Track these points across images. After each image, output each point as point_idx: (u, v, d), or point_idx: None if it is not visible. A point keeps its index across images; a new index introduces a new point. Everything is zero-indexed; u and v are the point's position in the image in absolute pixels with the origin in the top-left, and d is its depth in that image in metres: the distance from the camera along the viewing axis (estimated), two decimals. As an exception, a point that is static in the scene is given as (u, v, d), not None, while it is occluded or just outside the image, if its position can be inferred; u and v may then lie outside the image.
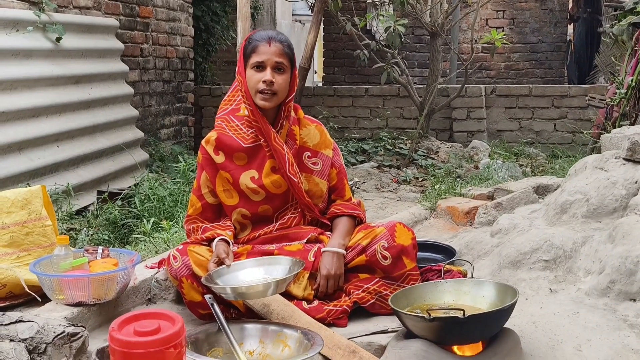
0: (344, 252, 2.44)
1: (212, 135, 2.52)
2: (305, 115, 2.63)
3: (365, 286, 2.41)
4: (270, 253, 2.44)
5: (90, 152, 4.93)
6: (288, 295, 2.39)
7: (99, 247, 2.50)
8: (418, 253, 2.51)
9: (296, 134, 2.54)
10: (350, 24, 6.21)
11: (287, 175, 2.46)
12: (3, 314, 2.09)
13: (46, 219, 2.48)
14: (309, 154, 2.56)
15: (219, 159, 2.49)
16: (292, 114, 2.54)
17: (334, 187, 2.61)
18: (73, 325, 2.06)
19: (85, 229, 3.98)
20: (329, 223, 2.59)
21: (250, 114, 2.45)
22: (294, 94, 2.50)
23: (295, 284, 2.40)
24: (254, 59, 2.40)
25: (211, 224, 2.52)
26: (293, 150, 2.52)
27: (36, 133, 4.36)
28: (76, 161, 4.77)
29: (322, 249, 2.44)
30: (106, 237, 3.85)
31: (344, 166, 2.69)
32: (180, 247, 2.42)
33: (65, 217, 4.06)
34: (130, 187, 4.70)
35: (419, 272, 2.47)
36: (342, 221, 2.55)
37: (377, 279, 2.41)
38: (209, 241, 2.45)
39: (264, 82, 2.38)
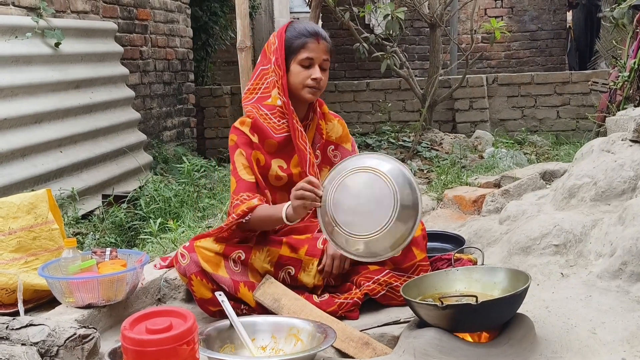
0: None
1: (246, 119, 2.47)
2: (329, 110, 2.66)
3: (376, 277, 2.40)
4: (279, 242, 2.43)
5: (93, 157, 4.93)
6: (298, 283, 2.40)
7: (107, 248, 2.49)
8: (427, 243, 2.50)
9: (323, 128, 2.56)
10: (348, 14, 6.18)
11: (306, 175, 2.45)
12: (13, 319, 2.08)
13: (53, 223, 2.48)
14: (332, 147, 2.59)
15: (255, 139, 2.46)
16: (317, 108, 2.57)
17: None
18: (84, 327, 2.06)
19: (92, 233, 3.98)
20: None
21: (284, 107, 2.44)
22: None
23: (306, 272, 2.40)
24: (304, 55, 2.40)
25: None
26: (320, 145, 2.54)
27: (39, 139, 4.36)
28: (80, 166, 4.77)
29: None
30: (113, 240, 3.85)
31: None
32: (187, 244, 2.41)
33: (72, 222, 4.06)
34: (135, 189, 4.70)
35: (429, 262, 2.46)
36: None
37: (387, 271, 2.40)
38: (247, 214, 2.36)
39: (314, 79, 2.40)
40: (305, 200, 2.19)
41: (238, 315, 2.19)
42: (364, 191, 2.21)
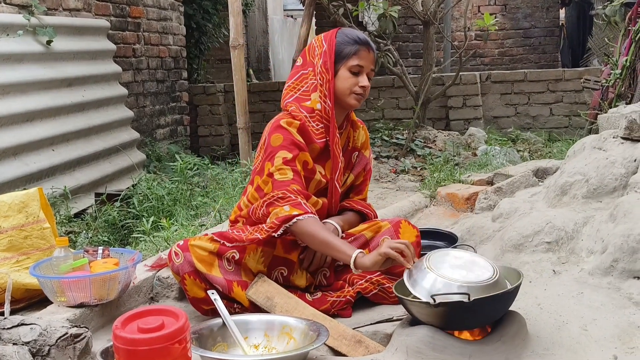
0: (339, 227, 2.44)
1: (293, 120, 2.42)
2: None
3: (369, 276, 2.41)
4: (273, 242, 2.41)
5: (86, 155, 4.92)
6: (291, 284, 2.40)
7: (99, 247, 2.48)
8: (421, 241, 2.51)
9: (350, 136, 2.58)
10: (342, 9, 6.18)
11: (334, 183, 2.46)
12: (5, 318, 2.08)
13: (44, 222, 2.47)
14: (357, 153, 2.61)
15: (302, 141, 2.42)
16: (351, 117, 2.58)
17: (357, 185, 2.63)
18: (76, 326, 2.05)
19: (84, 231, 3.97)
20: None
21: (324, 111, 2.42)
22: None
23: (298, 274, 2.41)
24: (355, 62, 2.40)
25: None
26: (347, 153, 2.55)
27: (31, 137, 4.35)
28: (72, 164, 4.76)
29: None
30: (106, 239, 3.84)
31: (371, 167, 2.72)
32: (181, 242, 2.40)
33: (64, 221, 4.05)
34: (128, 187, 4.69)
35: None
36: (348, 213, 2.58)
37: (379, 272, 2.41)
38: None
39: (362, 87, 2.41)
40: (399, 258, 2.11)
41: (231, 314, 2.19)
42: (463, 255, 2.14)
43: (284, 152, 2.35)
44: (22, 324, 2.03)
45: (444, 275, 2.01)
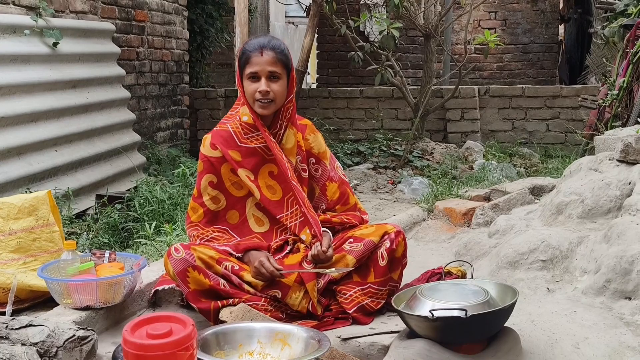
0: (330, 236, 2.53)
1: (206, 136, 2.56)
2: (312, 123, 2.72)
3: (358, 287, 2.46)
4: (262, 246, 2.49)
5: (88, 156, 4.96)
6: (283, 305, 2.43)
7: (106, 251, 2.53)
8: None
9: (299, 139, 2.59)
10: (345, 27, 6.25)
11: (289, 180, 2.49)
12: (13, 318, 2.12)
13: (54, 225, 2.52)
14: (313, 160, 2.63)
15: (217, 153, 2.51)
16: (288, 117, 2.57)
17: (337, 199, 2.63)
18: (83, 328, 2.10)
19: (85, 232, 4.01)
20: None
21: (251, 121, 2.51)
22: (292, 96, 2.55)
23: (292, 298, 2.41)
24: (248, 70, 2.45)
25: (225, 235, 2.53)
26: (303, 158, 2.58)
27: (35, 138, 4.38)
28: (74, 165, 4.80)
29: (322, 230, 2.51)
30: (107, 241, 3.88)
31: (345, 175, 2.72)
32: (184, 243, 2.44)
33: (66, 221, 4.08)
34: (129, 190, 4.73)
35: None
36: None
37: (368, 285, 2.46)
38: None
39: (260, 92, 2.43)
40: (261, 276, 2.38)
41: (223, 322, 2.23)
42: (451, 283, 2.36)
43: (204, 184, 2.51)
44: (31, 325, 2.07)
45: (441, 299, 2.10)
